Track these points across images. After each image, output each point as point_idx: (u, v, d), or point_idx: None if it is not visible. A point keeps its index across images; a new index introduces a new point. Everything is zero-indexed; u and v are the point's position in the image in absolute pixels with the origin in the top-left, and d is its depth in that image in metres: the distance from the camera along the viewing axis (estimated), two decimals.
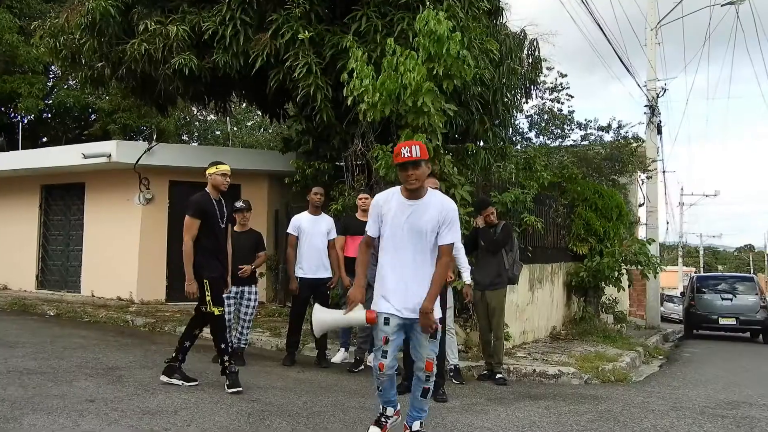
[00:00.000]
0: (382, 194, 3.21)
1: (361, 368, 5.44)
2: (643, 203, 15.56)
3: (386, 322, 3.01)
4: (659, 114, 14.72)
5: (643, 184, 13.23)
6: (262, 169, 9.96)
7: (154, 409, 3.57)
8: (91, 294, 9.90)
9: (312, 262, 5.53)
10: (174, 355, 4.36)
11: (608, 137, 12.79)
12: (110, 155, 8.99)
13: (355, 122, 7.37)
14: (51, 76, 18.91)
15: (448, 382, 4.81)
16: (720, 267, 61.96)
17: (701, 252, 50.85)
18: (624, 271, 9.90)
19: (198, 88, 8.26)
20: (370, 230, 3.18)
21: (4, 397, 3.64)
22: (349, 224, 5.73)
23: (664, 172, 18.14)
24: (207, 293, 4.25)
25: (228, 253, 4.59)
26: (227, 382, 4.23)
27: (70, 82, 17.39)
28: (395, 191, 3.14)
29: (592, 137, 12.60)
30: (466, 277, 4.97)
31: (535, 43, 9.63)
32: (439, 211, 3.04)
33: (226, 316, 5.41)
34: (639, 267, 9.41)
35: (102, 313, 8.07)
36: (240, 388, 4.19)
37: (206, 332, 4.57)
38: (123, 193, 9.69)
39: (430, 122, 6.14)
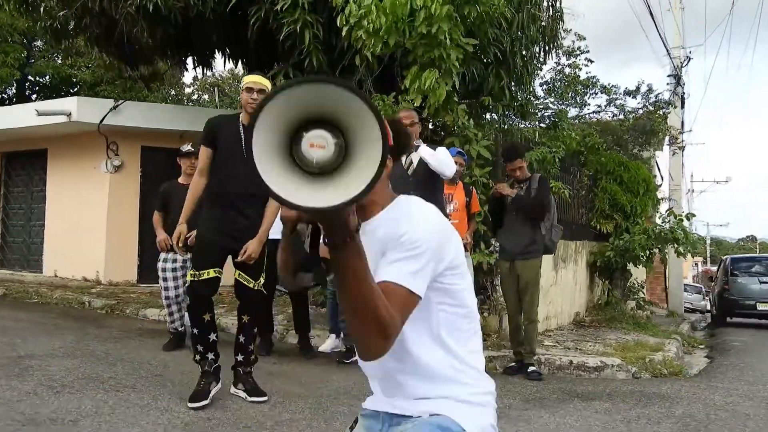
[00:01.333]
0: None
1: (354, 359, 4.30)
2: (662, 183, 14.43)
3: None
4: (683, 84, 13.57)
5: (674, 155, 12.04)
6: None
7: (44, 417, 2.45)
8: (54, 274, 8.78)
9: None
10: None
11: (633, 103, 11.56)
12: (70, 113, 7.82)
13: (351, 69, 6.25)
14: (35, 48, 17.84)
15: None
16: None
17: (708, 241, 49.88)
18: (657, 251, 8.77)
19: (167, 31, 7.08)
20: None
21: None
22: None
23: (683, 148, 17.02)
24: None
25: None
26: (246, 387, 3.17)
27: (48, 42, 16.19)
28: None
29: (617, 102, 11.37)
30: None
31: None
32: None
33: (171, 293, 4.31)
34: (676, 245, 8.25)
35: (57, 294, 6.96)
36: (264, 397, 3.10)
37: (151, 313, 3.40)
38: (88, 160, 8.53)
39: (446, 55, 4.96)
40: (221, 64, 11.24)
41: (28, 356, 3.58)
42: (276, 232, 3.91)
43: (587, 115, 11.39)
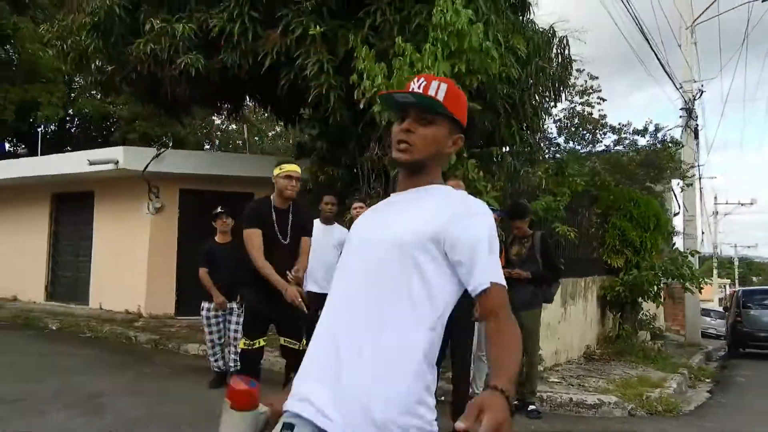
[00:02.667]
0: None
1: None
2: (679, 212, 14.71)
3: None
4: (696, 117, 13.92)
5: (682, 191, 12.39)
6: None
7: None
8: (99, 307, 9.54)
9: (324, 274, 4.90)
10: None
11: (643, 141, 12.01)
12: (117, 161, 8.64)
13: (371, 125, 6.86)
14: (75, 87, 19.01)
15: None
16: (754, 278, 59.64)
17: (736, 263, 48.94)
18: (664, 286, 9.12)
19: (207, 90, 7.86)
20: None
21: None
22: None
23: (700, 178, 17.24)
24: None
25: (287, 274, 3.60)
26: None
27: (81, 82, 17.34)
28: None
29: (627, 141, 11.83)
30: None
31: (564, 41, 9.00)
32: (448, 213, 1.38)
33: (215, 337, 4.92)
34: (681, 281, 8.62)
35: (106, 327, 7.67)
36: None
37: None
38: (132, 202, 9.33)
39: None
40: (250, 106, 12.06)
41: (98, 394, 4.22)
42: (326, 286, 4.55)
43: (598, 153, 11.85)
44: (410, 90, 1.37)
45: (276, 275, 3.41)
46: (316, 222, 5.41)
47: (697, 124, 14.04)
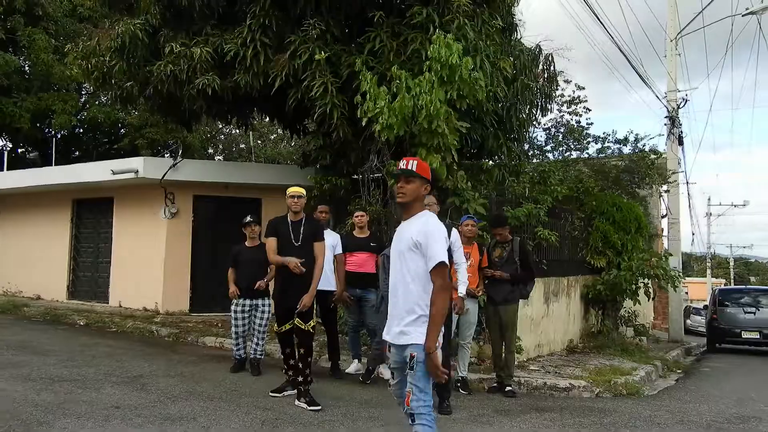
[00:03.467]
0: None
1: (372, 377, 5.60)
2: (666, 215, 15.43)
3: (388, 348, 2.93)
4: (680, 125, 14.60)
5: (662, 196, 13.15)
6: (281, 183, 10.22)
7: (175, 416, 3.80)
8: (119, 305, 10.28)
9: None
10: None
11: (627, 150, 12.77)
12: (138, 171, 9.38)
13: (371, 139, 7.57)
14: (84, 93, 19.70)
15: (456, 393, 4.93)
16: (752, 278, 60.28)
17: (731, 263, 49.63)
18: (642, 285, 9.86)
19: (221, 107, 8.61)
20: None
21: (38, 402, 3.91)
22: (348, 242, 5.89)
23: (687, 183, 17.97)
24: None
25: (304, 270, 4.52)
26: (306, 399, 4.46)
27: (102, 98, 18.10)
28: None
29: (609, 150, 12.59)
30: (461, 291, 4.96)
31: (550, 58, 9.73)
32: (417, 230, 2.70)
33: (239, 329, 5.68)
34: (656, 280, 9.36)
35: (129, 323, 8.40)
36: (319, 406, 4.37)
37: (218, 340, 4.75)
38: (149, 208, 10.07)
39: (444, 141, 6.33)
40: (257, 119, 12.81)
41: (140, 375, 4.97)
42: (325, 284, 5.27)
43: (584, 159, 12.59)
44: (399, 167, 2.85)
45: (279, 258, 4.50)
46: None
47: (680, 132, 14.76)
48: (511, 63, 8.12)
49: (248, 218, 5.86)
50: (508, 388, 5.42)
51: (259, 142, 23.48)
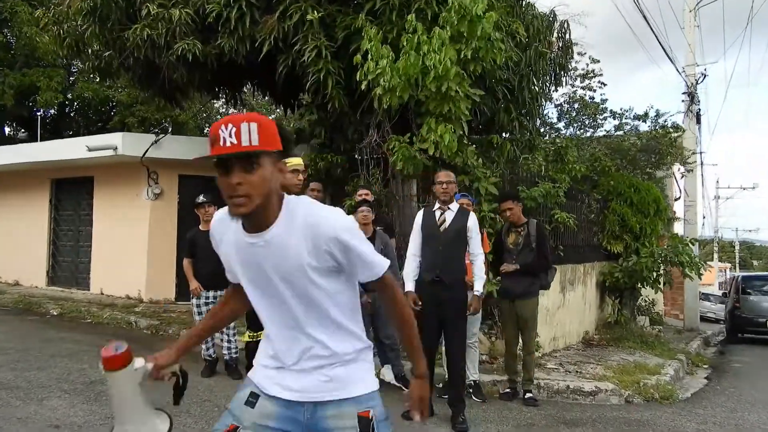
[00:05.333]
0: (215, 221, 1.66)
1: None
2: (680, 197, 14.68)
3: (250, 402, 1.67)
4: (698, 102, 13.80)
5: (682, 177, 12.36)
6: None
7: None
8: (100, 292, 9.59)
9: None
10: None
11: (644, 127, 11.93)
12: (116, 148, 8.62)
13: (370, 111, 6.82)
14: (73, 71, 18.86)
15: (468, 402, 4.22)
16: (755, 263, 59.70)
17: (737, 247, 48.92)
18: (663, 272, 9.14)
19: (204, 76, 7.79)
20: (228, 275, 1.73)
21: None
22: None
23: (702, 164, 17.16)
24: None
25: None
26: None
27: (90, 76, 17.24)
28: (225, 217, 1.56)
29: (627, 127, 11.75)
30: (478, 286, 4.19)
31: (565, 25, 8.91)
32: (319, 234, 1.49)
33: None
34: (681, 267, 8.64)
35: (107, 313, 7.71)
36: None
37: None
38: (131, 188, 9.32)
39: (455, 109, 5.53)
40: (249, 92, 11.98)
41: (98, 382, 4.25)
42: None
43: (599, 138, 11.78)
44: (221, 138, 1.39)
45: None
46: None
47: (699, 109, 13.93)
48: (523, 27, 7.32)
49: (201, 198, 5.12)
50: (528, 395, 4.71)
51: None
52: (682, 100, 13.31)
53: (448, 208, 4.11)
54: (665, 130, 11.13)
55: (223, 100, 11.71)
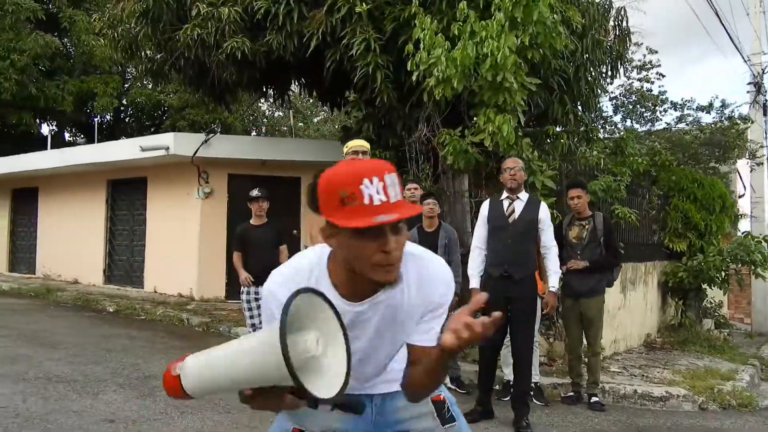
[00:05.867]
0: (276, 284, 1.37)
1: None
2: (744, 194, 13.83)
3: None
4: (765, 92, 12.97)
5: (751, 171, 11.61)
6: (321, 160, 9.42)
7: None
8: (154, 290, 9.78)
9: None
10: None
11: (708, 119, 11.25)
12: (168, 148, 8.76)
13: (419, 105, 6.66)
14: (128, 77, 19.53)
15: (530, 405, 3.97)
16: None
17: None
18: (733, 272, 8.56)
19: (252, 74, 7.80)
20: None
21: (21, 411, 3.23)
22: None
23: (761, 164, 16.15)
24: None
25: None
26: None
27: (143, 80, 17.79)
28: (321, 267, 1.36)
29: (690, 119, 11.11)
30: (553, 282, 3.93)
31: (622, 12, 8.50)
32: (420, 296, 1.36)
33: (255, 320, 4.87)
34: (753, 267, 8.06)
35: (159, 310, 7.83)
36: None
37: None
38: (183, 187, 9.47)
39: (510, 100, 5.29)
40: (296, 91, 12.04)
41: (152, 377, 4.26)
42: None
43: (658, 131, 11.19)
44: (364, 195, 1.17)
45: None
46: None
47: (766, 100, 13.10)
48: (579, 14, 6.97)
49: (255, 192, 5.06)
50: (594, 399, 4.41)
51: (301, 124, 22.88)
52: (748, 91, 12.55)
53: (518, 197, 3.85)
54: (732, 121, 10.44)
55: (271, 100, 11.78)
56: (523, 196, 3.92)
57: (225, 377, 1.21)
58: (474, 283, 3.78)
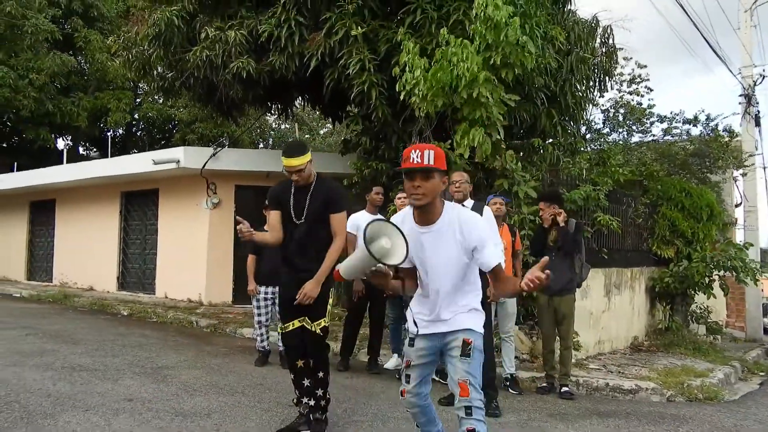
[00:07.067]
0: (398, 215, 2.58)
1: None
2: (740, 203, 14.14)
3: (410, 342, 2.57)
4: (757, 103, 13.32)
5: (737, 181, 11.95)
6: (322, 171, 9.87)
7: (188, 411, 3.48)
8: (165, 296, 10.27)
9: None
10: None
11: (696, 131, 11.64)
12: (179, 161, 9.29)
13: (411, 120, 7.13)
14: (140, 92, 20.21)
15: (504, 393, 4.40)
16: None
17: None
18: (716, 278, 8.90)
19: (257, 92, 8.34)
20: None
21: (51, 392, 3.69)
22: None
23: (765, 168, 16.46)
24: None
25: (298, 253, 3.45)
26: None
27: (144, 88, 18.41)
28: (407, 213, 2.50)
29: (676, 131, 11.50)
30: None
31: (608, 31, 8.95)
32: (458, 240, 2.39)
33: (261, 318, 5.32)
34: (734, 273, 8.41)
35: (170, 313, 8.30)
36: None
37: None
38: (192, 198, 9.99)
39: (488, 114, 5.76)
40: (299, 106, 12.60)
41: (164, 367, 4.72)
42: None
43: (647, 143, 11.59)
44: (411, 158, 2.36)
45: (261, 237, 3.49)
46: (362, 212, 5.65)
47: (758, 111, 13.45)
48: (563, 34, 7.44)
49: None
50: (564, 389, 4.82)
51: (307, 136, 23.43)
52: (739, 103, 12.91)
53: (464, 206, 4.30)
54: (717, 134, 10.82)
55: (276, 115, 12.31)
56: (469, 203, 4.39)
57: (352, 267, 2.42)
58: None
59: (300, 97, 9.96)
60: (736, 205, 14.33)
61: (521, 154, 7.33)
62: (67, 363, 4.60)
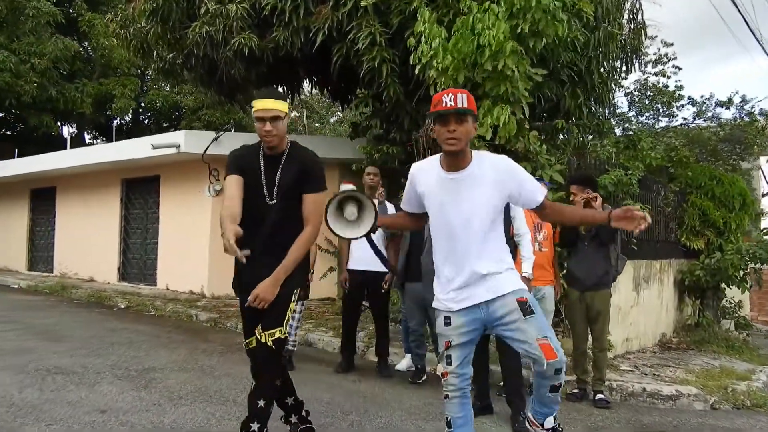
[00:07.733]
0: (418, 163, 2.51)
1: (423, 378, 4.62)
2: (767, 193, 13.47)
3: (446, 322, 2.40)
4: None
5: (761, 169, 11.28)
6: (330, 156, 9.38)
7: (167, 426, 3.00)
8: (166, 287, 9.86)
9: (364, 252, 4.00)
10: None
11: (728, 115, 10.95)
12: (179, 146, 8.82)
13: (426, 99, 6.58)
14: (146, 79, 19.80)
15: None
16: None
17: None
18: (751, 271, 8.31)
19: (260, 71, 7.83)
20: (404, 205, 2.57)
21: (15, 400, 3.24)
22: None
23: None
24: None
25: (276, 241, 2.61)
26: None
27: (158, 81, 18.00)
28: (434, 161, 2.42)
29: (708, 114, 10.81)
30: (526, 269, 3.78)
31: (637, 5, 8.32)
32: (496, 181, 2.32)
33: None
34: None
35: (170, 306, 7.87)
36: None
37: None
38: (194, 185, 9.53)
39: (513, 90, 5.19)
40: (307, 89, 12.08)
41: (151, 369, 4.26)
42: (374, 264, 4.21)
43: (675, 128, 10.92)
44: (443, 101, 2.27)
45: (230, 227, 2.46)
46: None
47: None
48: (591, 7, 6.83)
49: None
50: (599, 396, 4.29)
51: (317, 125, 22.96)
52: None
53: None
54: (752, 117, 10.14)
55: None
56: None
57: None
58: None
59: (306, 78, 9.41)
60: (764, 195, 13.65)
61: (544, 136, 6.77)
62: (42, 365, 4.14)
